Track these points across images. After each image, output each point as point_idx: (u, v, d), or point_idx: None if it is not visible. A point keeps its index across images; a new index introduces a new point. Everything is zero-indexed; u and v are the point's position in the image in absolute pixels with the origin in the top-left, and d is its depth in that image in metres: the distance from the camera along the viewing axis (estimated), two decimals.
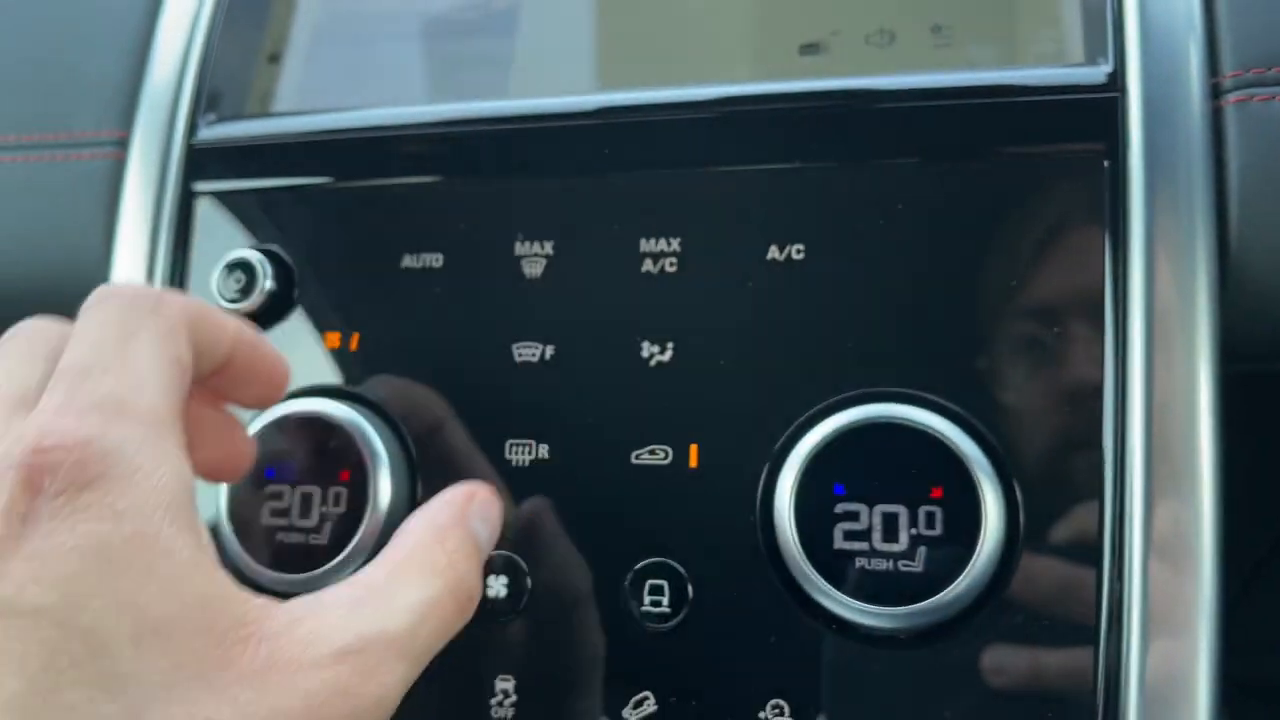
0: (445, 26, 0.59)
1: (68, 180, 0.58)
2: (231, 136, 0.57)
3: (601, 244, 0.50)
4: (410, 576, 0.36)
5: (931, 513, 0.43)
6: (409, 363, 0.51)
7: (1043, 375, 0.44)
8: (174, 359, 0.37)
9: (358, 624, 0.34)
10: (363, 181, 0.54)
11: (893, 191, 0.47)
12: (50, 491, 0.32)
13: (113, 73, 0.60)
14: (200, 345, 0.40)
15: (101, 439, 0.33)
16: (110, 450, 0.33)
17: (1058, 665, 0.42)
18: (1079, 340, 0.44)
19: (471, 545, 0.39)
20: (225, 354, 0.41)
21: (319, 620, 0.33)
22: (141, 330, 0.37)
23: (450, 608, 0.37)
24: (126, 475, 0.33)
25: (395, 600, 0.35)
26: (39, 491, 0.32)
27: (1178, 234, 0.44)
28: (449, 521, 0.39)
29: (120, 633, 0.30)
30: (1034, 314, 0.45)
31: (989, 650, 0.43)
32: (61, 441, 0.33)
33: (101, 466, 0.32)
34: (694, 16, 0.55)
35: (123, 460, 0.33)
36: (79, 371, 0.35)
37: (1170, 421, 0.43)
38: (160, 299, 0.39)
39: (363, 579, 0.36)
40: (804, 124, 0.50)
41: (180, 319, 0.39)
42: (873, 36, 0.52)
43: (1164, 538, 0.42)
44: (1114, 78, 0.46)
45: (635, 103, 0.52)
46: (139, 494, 0.33)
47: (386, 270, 0.52)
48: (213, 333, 0.41)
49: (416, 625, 0.35)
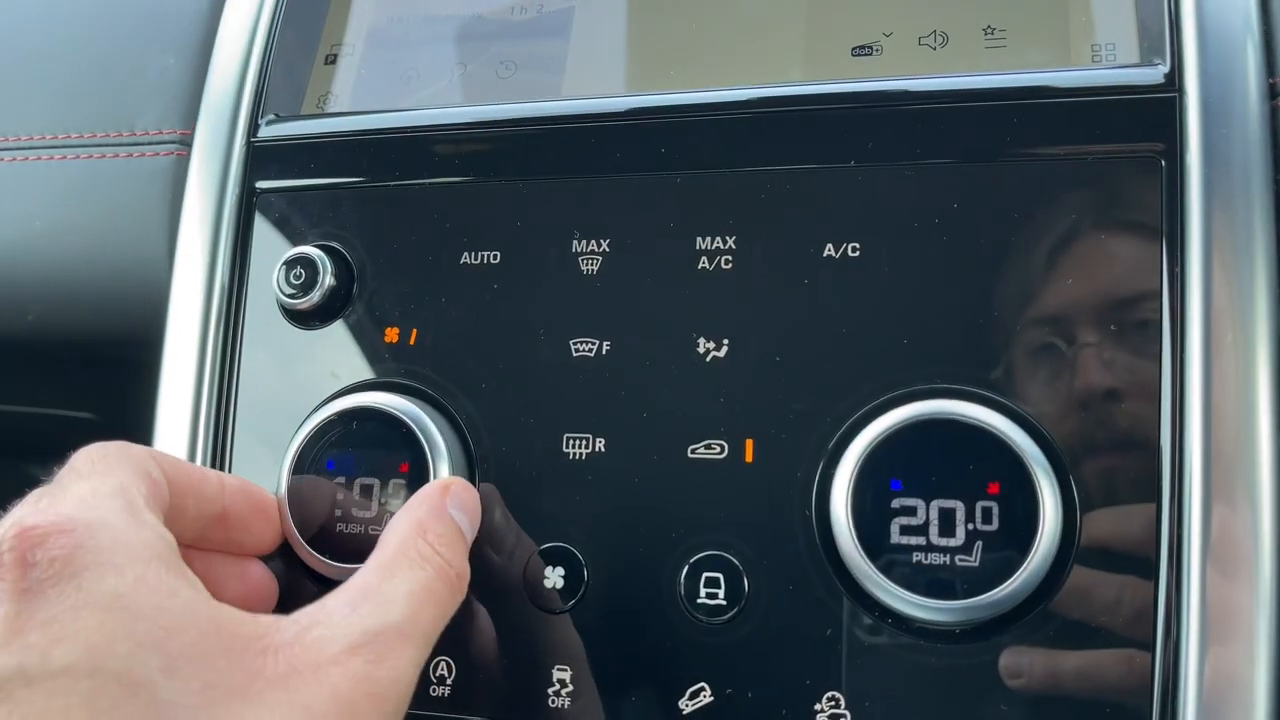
0: (500, 28, 0.60)
1: (132, 178, 0.59)
2: (291, 135, 0.58)
3: (657, 241, 0.51)
4: (400, 570, 0.40)
5: (989, 508, 0.43)
6: (467, 358, 0.52)
7: (1098, 378, 0.44)
8: (144, 471, 0.41)
9: (362, 621, 0.37)
10: (420, 180, 0.55)
11: (948, 191, 0.48)
12: (43, 561, 0.34)
13: (175, 74, 0.61)
14: (182, 481, 0.44)
15: (80, 514, 0.36)
16: (93, 521, 0.36)
17: (1113, 666, 0.42)
18: (1136, 339, 0.44)
19: (452, 532, 0.43)
20: (216, 494, 0.46)
21: (325, 625, 0.37)
22: (111, 454, 0.41)
23: (442, 591, 0.40)
24: (113, 537, 0.36)
25: (391, 594, 0.39)
26: (31, 565, 0.34)
27: (1236, 233, 0.44)
28: (428, 514, 0.43)
29: (151, 667, 0.33)
30: (1091, 312, 0.45)
31: (1044, 647, 0.43)
32: (43, 521, 0.36)
33: (87, 533, 0.36)
34: (748, 18, 0.56)
35: (105, 528, 0.36)
36: (56, 484, 0.40)
37: (1228, 424, 0.43)
38: (127, 444, 0.43)
39: (357, 582, 0.40)
40: (857, 124, 0.50)
41: (146, 453, 0.43)
42: (925, 38, 0.53)
43: (1221, 541, 0.42)
44: (1171, 78, 0.46)
45: (689, 103, 0.53)
46: (130, 550, 0.36)
47: (445, 267, 0.53)
48: (194, 473, 0.45)
49: (415, 612, 0.38)
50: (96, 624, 0.33)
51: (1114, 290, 0.45)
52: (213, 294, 0.56)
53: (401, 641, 0.37)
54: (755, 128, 0.51)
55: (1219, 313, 0.44)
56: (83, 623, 0.33)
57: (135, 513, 0.38)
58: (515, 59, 0.59)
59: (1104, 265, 0.45)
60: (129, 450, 0.42)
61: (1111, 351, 0.44)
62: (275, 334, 0.55)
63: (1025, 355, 0.45)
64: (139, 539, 0.37)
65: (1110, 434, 0.44)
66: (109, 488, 0.39)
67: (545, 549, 0.48)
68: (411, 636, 0.38)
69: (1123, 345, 0.44)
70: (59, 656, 0.32)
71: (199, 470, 0.46)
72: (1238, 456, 0.43)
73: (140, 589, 0.35)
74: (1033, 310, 0.45)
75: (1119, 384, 0.44)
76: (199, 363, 0.56)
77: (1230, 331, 0.44)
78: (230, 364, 0.56)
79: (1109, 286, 0.45)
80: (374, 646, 0.37)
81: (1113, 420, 0.44)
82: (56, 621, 0.33)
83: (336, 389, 0.53)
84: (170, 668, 0.33)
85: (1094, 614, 0.43)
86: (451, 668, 0.48)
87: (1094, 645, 0.42)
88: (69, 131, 0.61)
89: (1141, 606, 0.42)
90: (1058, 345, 0.45)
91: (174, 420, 0.55)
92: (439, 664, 0.48)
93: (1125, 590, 0.43)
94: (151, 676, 0.33)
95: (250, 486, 0.48)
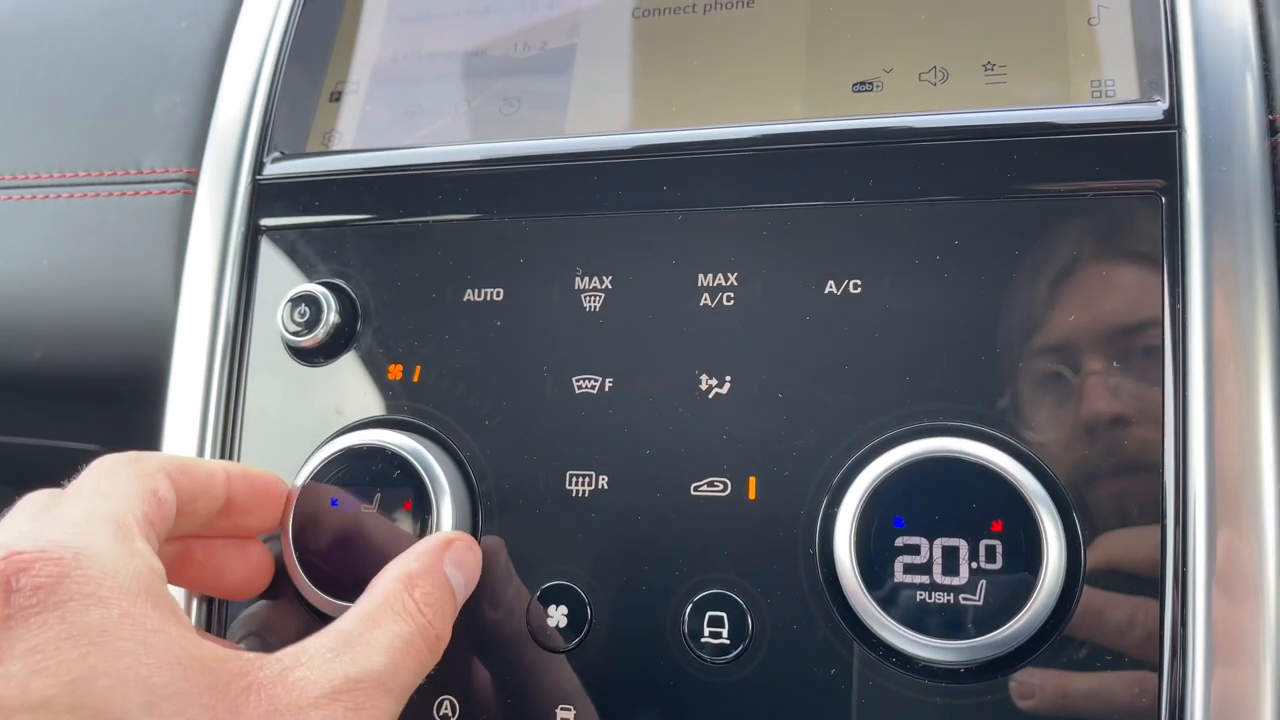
0: (503, 65, 0.61)
1: (138, 216, 0.60)
2: (296, 173, 0.59)
3: (660, 278, 0.51)
4: (383, 621, 0.40)
5: (992, 546, 0.43)
6: (470, 394, 0.52)
7: (1101, 409, 0.44)
8: (149, 490, 0.41)
9: (343, 667, 0.37)
10: (424, 217, 0.55)
11: (949, 227, 0.48)
12: (27, 588, 0.34)
13: (181, 112, 0.62)
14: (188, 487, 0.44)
15: (69, 539, 0.36)
16: (80, 549, 0.36)
17: (1121, 698, 0.42)
18: (1138, 374, 0.44)
19: (442, 591, 0.43)
20: (223, 490, 0.46)
21: (307, 668, 0.37)
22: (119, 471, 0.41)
23: (422, 650, 0.40)
24: (100, 568, 0.36)
25: (372, 643, 0.39)
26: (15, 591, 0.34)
27: (1237, 268, 0.44)
28: (420, 570, 0.43)
29: (132, 704, 0.33)
30: (1093, 347, 0.45)
31: (1051, 684, 0.43)
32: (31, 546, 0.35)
33: (74, 562, 0.35)
34: (749, 54, 0.56)
35: (94, 556, 0.36)
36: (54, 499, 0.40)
37: (1231, 451, 0.43)
38: (140, 454, 0.43)
39: (341, 628, 0.40)
40: (858, 161, 0.50)
41: (157, 466, 0.43)
42: (926, 74, 0.53)
43: (1226, 568, 0.42)
44: (1171, 114, 0.47)
45: (691, 140, 0.53)
46: (117, 582, 0.36)
47: (449, 304, 0.53)
48: (201, 473, 0.45)
49: (395, 664, 0.39)
50: (79, 657, 0.33)
51: (1115, 325, 0.45)
52: (218, 331, 0.57)
53: (380, 691, 0.38)
54: (757, 165, 0.52)
55: (1221, 345, 0.44)
56: (65, 655, 0.33)
57: (127, 540, 0.38)
58: (518, 96, 0.59)
59: (1105, 300, 0.45)
60: (138, 464, 0.42)
61: (1114, 383, 0.44)
62: (280, 370, 0.55)
63: (1027, 390, 0.45)
64: (128, 570, 0.36)
65: (1113, 465, 0.44)
66: (104, 512, 0.38)
67: (548, 587, 0.48)
68: (390, 688, 0.38)
69: (1125, 377, 0.44)
70: (38, 689, 0.32)
71: (205, 470, 0.46)
72: (1241, 482, 0.43)
73: (125, 624, 0.34)
74: (1034, 345, 0.46)
75: (1121, 414, 0.44)
76: (204, 398, 0.56)
77: (1232, 363, 0.44)
78: (235, 400, 0.56)
79: (1110, 321, 0.45)
80: (354, 694, 0.37)
81: (1116, 451, 0.44)
82: (37, 652, 0.33)
83: (340, 426, 0.53)
84: (151, 705, 0.33)
85: (1100, 644, 0.42)
86: (455, 707, 0.48)
87: (1101, 677, 0.42)
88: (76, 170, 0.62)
89: (1148, 634, 0.42)
90: (1059, 380, 0.45)
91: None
92: (443, 703, 0.48)
93: (1132, 619, 0.43)
94: (132, 713, 0.32)
95: (251, 472, 0.48)
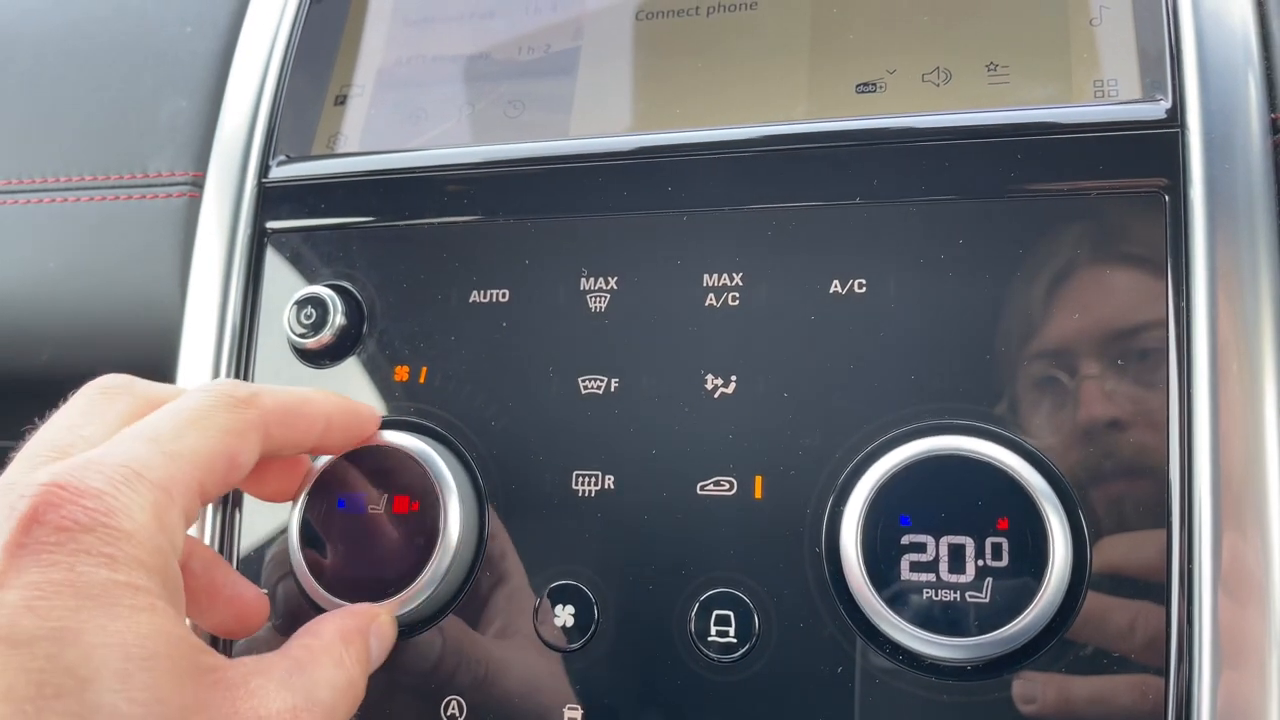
0: (507, 68, 0.61)
1: (144, 219, 0.60)
2: (302, 176, 0.59)
3: (665, 278, 0.51)
4: (325, 664, 0.42)
5: (998, 544, 0.43)
6: (477, 395, 0.52)
7: (1105, 409, 0.45)
8: (228, 454, 0.42)
9: (299, 687, 0.39)
10: (429, 219, 0.56)
11: (953, 227, 0.48)
12: (50, 524, 0.35)
13: (187, 116, 0.62)
14: (284, 439, 0.45)
15: (113, 495, 0.36)
16: (117, 508, 0.36)
17: (1127, 698, 0.42)
18: (1143, 373, 0.44)
19: (365, 656, 0.44)
20: (316, 440, 0.47)
21: (265, 679, 0.38)
22: (214, 419, 0.41)
23: (350, 698, 0.42)
24: (127, 531, 0.36)
25: (319, 677, 0.40)
26: (41, 523, 0.35)
27: (1241, 267, 0.44)
28: (353, 630, 0.44)
29: (107, 668, 0.33)
30: (1098, 346, 0.45)
31: (1056, 682, 0.43)
32: (74, 484, 0.36)
33: (106, 517, 0.36)
34: (752, 56, 0.57)
35: (127, 518, 0.36)
36: (131, 436, 0.40)
37: (1236, 454, 0.43)
38: (249, 398, 0.43)
39: (292, 652, 0.41)
40: (862, 162, 0.50)
41: (259, 419, 0.43)
42: (929, 74, 0.53)
43: (1232, 571, 0.42)
44: (1173, 113, 0.47)
45: (695, 141, 0.53)
46: (135, 550, 0.36)
47: (454, 305, 0.53)
48: (300, 427, 0.46)
49: (337, 700, 0.40)
50: (73, 608, 0.33)
51: (1120, 323, 0.45)
52: (224, 333, 0.57)
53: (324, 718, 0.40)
54: (761, 165, 0.52)
55: (1225, 344, 0.44)
56: (60, 602, 0.33)
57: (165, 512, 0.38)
58: (522, 98, 0.60)
59: (1109, 299, 0.45)
60: (242, 413, 0.42)
61: (1118, 383, 0.45)
62: (286, 373, 0.56)
63: (1032, 389, 0.45)
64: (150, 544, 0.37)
65: (1119, 465, 0.44)
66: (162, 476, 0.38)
67: (555, 587, 0.48)
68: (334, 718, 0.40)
69: (1130, 377, 0.45)
70: (26, 626, 0.32)
71: (308, 418, 0.46)
72: (1247, 483, 0.43)
73: (126, 592, 0.35)
74: (1039, 344, 0.46)
75: (1126, 415, 0.44)
76: None
77: (1236, 362, 0.44)
78: None
79: (1115, 320, 0.45)
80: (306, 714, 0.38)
81: (1121, 451, 0.44)
82: (36, 589, 0.33)
83: None
84: (127, 673, 0.33)
85: (1106, 645, 0.43)
86: (463, 707, 0.48)
87: (1106, 676, 0.42)
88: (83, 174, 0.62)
89: (1154, 636, 0.42)
90: (1064, 378, 0.45)
91: None
92: (450, 703, 0.48)
93: (1137, 620, 0.43)
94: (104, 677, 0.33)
95: (352, 411, 0.49)
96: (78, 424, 0.42)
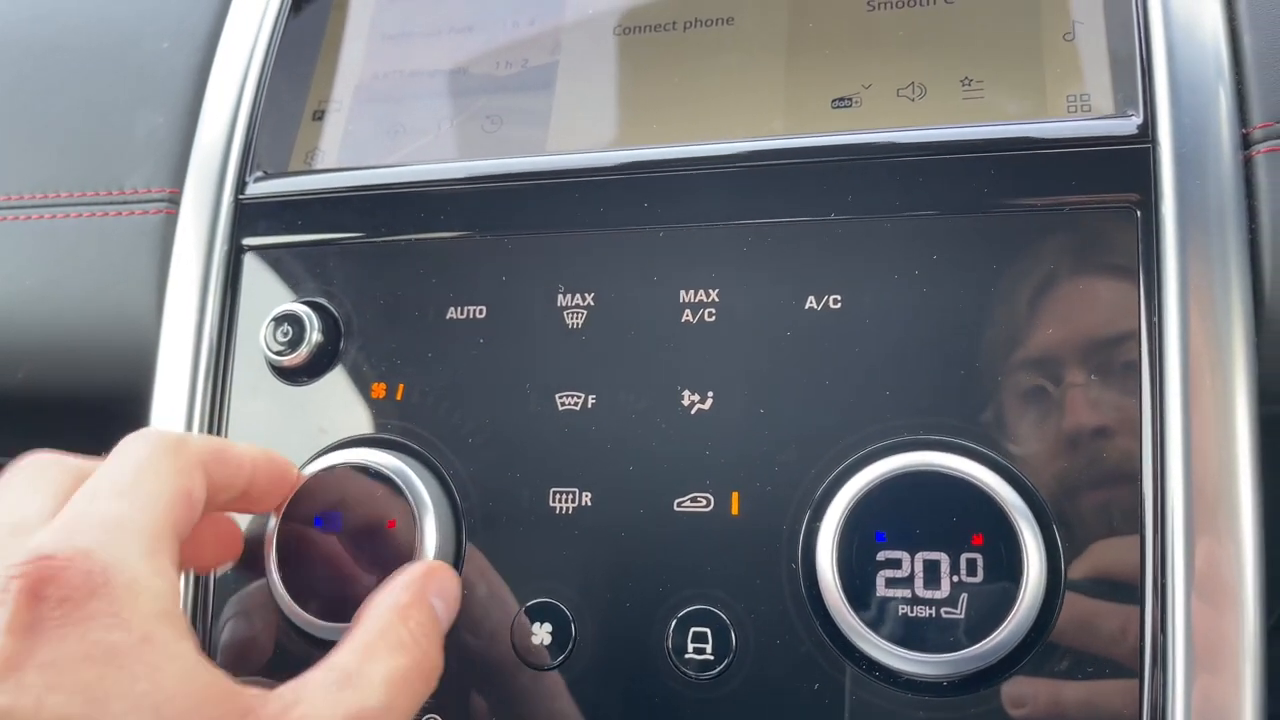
0: (485, 83, 0.61)
1: (121, 236, 0.60)
2: (278, 192, 0.59)
3: (641, 295, 0.51)
4: (380, 655, 0.39)
5: (973, 559, 0.43)
6: (454, 412, 0.52)
7: (1080, 421, 0.45)
8: (185, 491, 0.41)
9: (344, 704, 0.37)
10: (406, 235, 0.55)
11: (928, 242, 0.48)
12: (54, 599, 0.34)
13: (164, 132, 0.62)
14: (219, 480, 0.44)
15: (101, 551, 0.36)
16: (110, 563, 0.36)
17: (1103, 709, 0.42)
18: (1115, 387, 0.45)
19: (431, 621, 0.42)
20: (244, 485, 0.46)
21: (308, 704, 0.37)
22: (159, 464, 0.41)
23: (418, 682, 0.40)
24: (127, 585, 0.35)
25: (371, 677, 0.38)
26: (42, 599, 0.34)
27: (1212, 281, 0.45)
28: (410, 600, 0.42)
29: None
30: (1070, 361, 0.45)
31: (1034, 696, 0.43)
32: (63, 551, 0.35)
33: (103, 577, 0.35)
34: (729, 71, 0.57)
35: (123, 571, 0.36)
36: (89, 495, 0.39)
37: (1209, 465, 0.43)
38: (182, 440, 0.43)
39: (338, 662, 0.39)
40: (837, 177, 0.51)
41: (198, 459, 0.43)
42: (904, 89, 0.54)
43: (1205, 577, 0.43)
44: (1145, 129, 0.47)
45: (671, 157, 0.53)
46: (141, 603, 0.35)
47: (431, 322, 0.53)
48: (231, 467, 0.45)
49: (393, 699, 0.38)
50: (96, 678, 0.33)
51: (1093, 338, 0.45)
52: (201, 350, 0.57)
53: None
54: (737, 181, 0.52)
55: (1197, 356, 0.44)
56: (82, 675, 0.33)
57: (155, 556, 0.38)
58: (500, 114, 0.60)
59: (1083, 313, 0.46)
60: (179, 457, 0.42)
61: (1092, 395, 0.45)
62: (263, 390, 0.55)
63: (1007, 403, 0.45)
64: (152, 590, 0.36)
65: (1092, 477, 0.44)
66: (138, 524, 0.38)
67: (532, 605, 0.48)
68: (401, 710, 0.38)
69: (1103, 389, 0.45)
70: (53, 705, 0.32)
71: (236, 459, 0.46)
72: (1219, 492, 0.43)
73: (144, 649, 0.34)
74: (1014, 358, 0.46)
75: (1101, 427, 0.44)
76: (187, 418, 0.56)
77: (1209, 375, 0.44)
78: (218, 420, 0.56)
79: (1088, 334, 0.45)
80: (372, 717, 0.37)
81: (1095, 464, 0.44)
82: (55, 667, 0.33)
83: (324, 445, 0.53)
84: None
85: (1082, 658, 0.43)
86: None
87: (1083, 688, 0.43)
88: (59, 190, 0.62)
89: (1130, 647, 0.43)
90: (1038, 393, 0.45)
91: None
92: None
93: (1113, 633, 0.43)
94: None
95: (272, 459, 0.49)
96: (23, 501, 0.41)
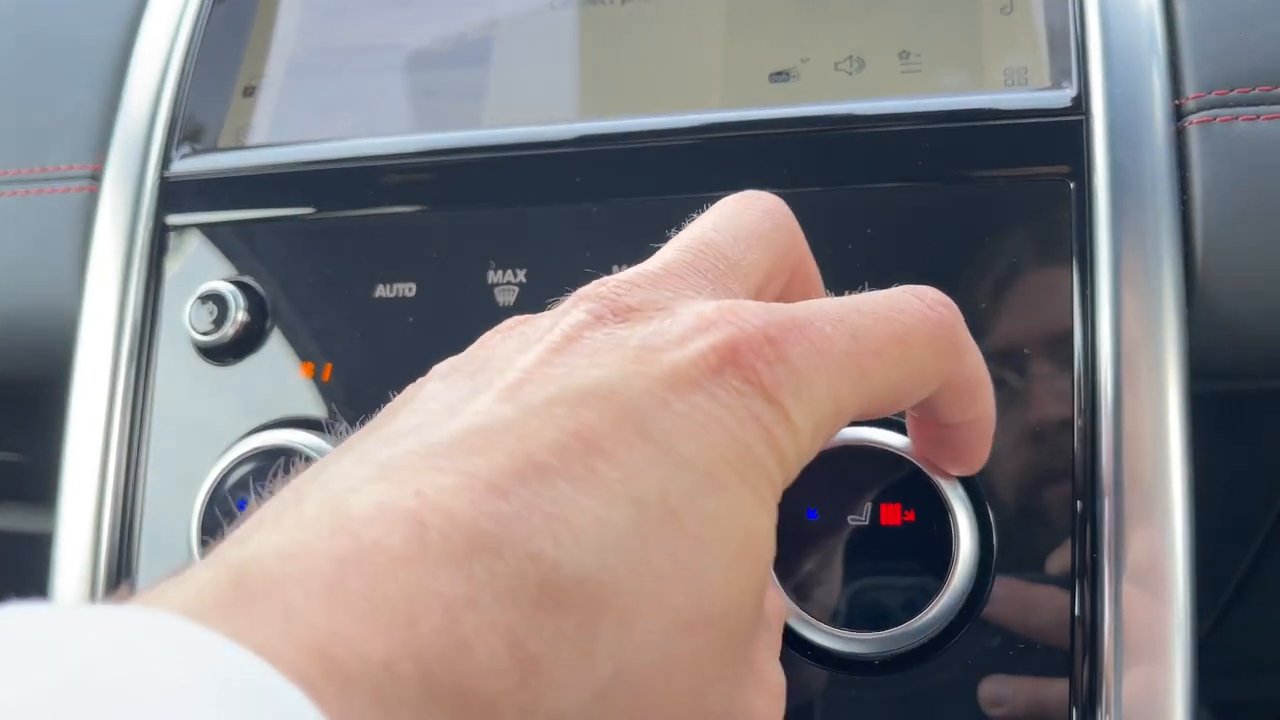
0: (420, 58, 0.60)
1: (42, 214, 0.58)
2: (204, 169, 0.57)
3: (574, 271, 0.50)
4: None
5: (905, 537, 0.42)
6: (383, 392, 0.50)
7: (1013, 399, 0.44)
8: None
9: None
10: (335, 212, 0.54)
11: (863, 215, 0.47)
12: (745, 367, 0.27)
13: (86, 107, 0.60)
14: None
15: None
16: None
17: (1034, 690, 0.42)
18: (1048, 364, 0.44)
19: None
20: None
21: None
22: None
23: None
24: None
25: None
26: (733, 365, 0.27)
27: (1144, 255, 0.44)
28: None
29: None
30: (1003, 337, 0.45)
31: (964, 675, 0.42)
32: (773, 330, 0.28)
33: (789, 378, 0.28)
34: (665, 45, 0.56)
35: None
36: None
37: (1140, 447, 0.43)
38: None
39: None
40: (774, 150, 0.50)
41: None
42: (842, 63, 0.53)
43: (1137, 562, 0.42)
44: (1079, 101, 0.47)
45: (607, 131, 0.52)
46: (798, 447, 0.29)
47: (359, 300, 0.52)
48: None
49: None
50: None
51: (1025, 313, 0.45)
52: (123, 331, 0.55)
53: None
54: (673, 156, 0.51)
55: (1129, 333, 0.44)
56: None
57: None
58: (435, 89, 0.58)
59: (1016, 288, 0.45)
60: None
61: (1024, 376, 0.44)
62: (188, 370, 0.54)
63: None
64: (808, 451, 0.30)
65: (1025, 459, 0.44)
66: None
67: None
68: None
69: (1036, 369, 0.44)
70: (586, 379, 0.26)
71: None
72: (1152, 477, 0.43)
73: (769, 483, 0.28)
74: None
75: (1032, 408, 0.44)
76: (109, 400, 0.54)
77: (1140, 353, 0.44)
78: (141, 401, 0.54)
79: (1021, 310, 0.45)
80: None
81: (1027, 445, 0.44)
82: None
83: (251, 426, 0.52)
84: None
85: (1013, 640, 0.42)
86: None
87: (1014, 669, 0.42)
88: None
89: (1060, 629, 0.42)
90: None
91: (83, 459, 0.54)
92: None
93: (1044, 615, 0.42)
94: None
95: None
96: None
